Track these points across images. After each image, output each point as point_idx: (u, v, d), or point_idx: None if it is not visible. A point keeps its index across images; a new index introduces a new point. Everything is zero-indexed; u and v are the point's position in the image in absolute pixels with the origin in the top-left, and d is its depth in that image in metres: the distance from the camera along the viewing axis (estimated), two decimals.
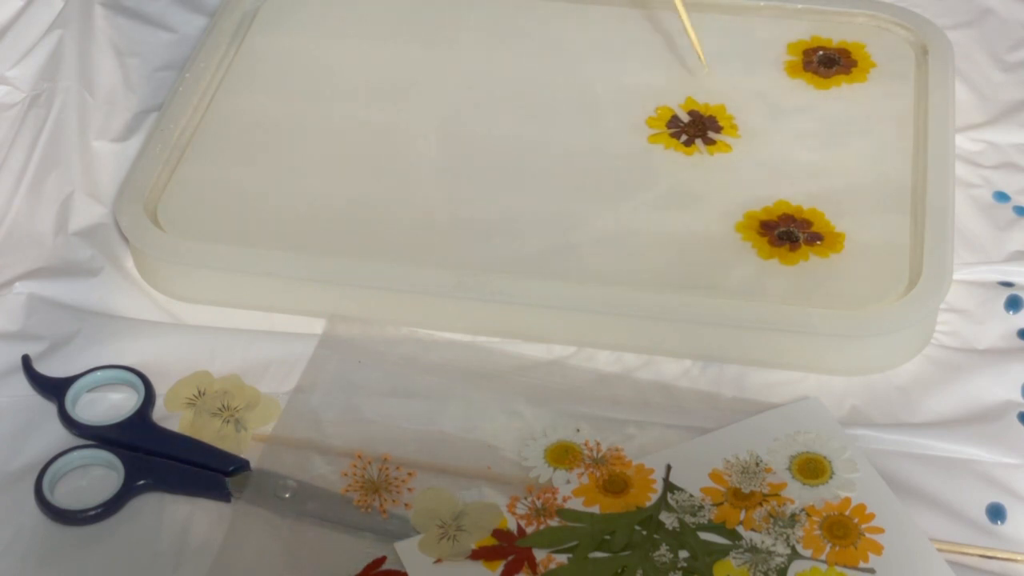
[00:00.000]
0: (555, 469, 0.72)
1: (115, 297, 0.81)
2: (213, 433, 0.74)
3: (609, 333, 0.78)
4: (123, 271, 0.82)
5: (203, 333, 0.79)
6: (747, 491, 0.70)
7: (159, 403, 0.75)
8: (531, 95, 0.88)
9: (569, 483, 0.71)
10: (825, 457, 0.72)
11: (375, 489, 0.71)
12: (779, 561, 0.68)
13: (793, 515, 0.69)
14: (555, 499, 0.70)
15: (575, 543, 0.69)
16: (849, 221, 0.81)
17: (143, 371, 0.76)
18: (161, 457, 0.72)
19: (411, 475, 0.71)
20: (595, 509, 0.70)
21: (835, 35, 0.91)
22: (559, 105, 0.88)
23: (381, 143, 0.86)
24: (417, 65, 0.90)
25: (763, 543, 0.68)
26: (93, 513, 0.70)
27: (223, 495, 0.71)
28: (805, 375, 0.76)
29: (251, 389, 0.76)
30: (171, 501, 0.71)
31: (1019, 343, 0.78)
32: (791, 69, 0.90)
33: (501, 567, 0.68)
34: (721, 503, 0.70)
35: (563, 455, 0.72)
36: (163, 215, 0.81)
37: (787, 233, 0.80)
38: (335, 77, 0.90)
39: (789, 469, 0.71)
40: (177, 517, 0.71)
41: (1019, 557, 0.69)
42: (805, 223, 0.80)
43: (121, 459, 0.72)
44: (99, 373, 0.76)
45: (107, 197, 0.86)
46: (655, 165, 0.84)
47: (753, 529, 0.69)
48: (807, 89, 0.88)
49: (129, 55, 0.94)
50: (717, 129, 0.86)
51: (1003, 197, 0.85)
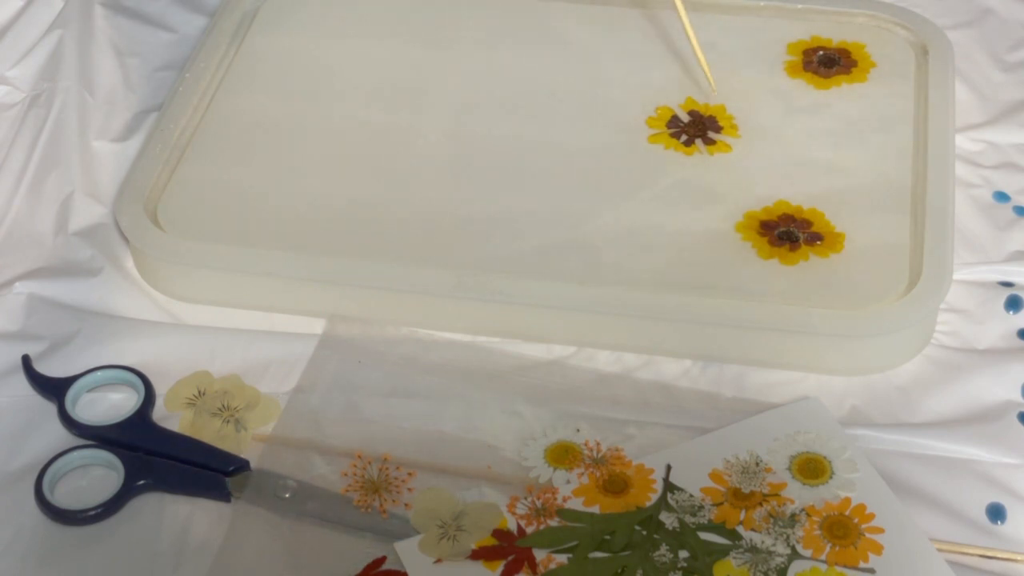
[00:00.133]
0: (555, 469, 0.72)
1: (115, 297, 0.81)
2: (213, 433, 0.74)
3: (609, 333, 0.77)
4: (123, 271, 0.82)
5: (203, 333, 0.79)
6: (747, 491, 0.70)
7: (159, 403, 0.75)
8: (531, 95, 0.88)
9: (569, 483, 0.71)
10: (825, 457, 0.72)
11: (375, 489, 0.71)
12: (779, 561, 0.68)
13: (793, 515, 0.69)
14: (555, 499, 0.70)
15: (575, 543, 0.69)
16: (849, 221, 0.81)
17: (143, 371, 0.76)
18: (161, 457, 0.72)
19: (411, 475, 0.71)
20: (595, 509, 0.70)
21: (835, 35, 0.91)
22: (559, 105, 0.88)
23: (381, 143, 0.86)
24: (417, 65, 0.90)
25: (763, 543, 0.68)
26: (93, 513, 0.70)
27: (223, 495, 0.71)
28: (805, 375, 0.76)
29: (251, 389, 0.76)
30: (171, 501, 0.71)
31: (1019, 343, 0.78)
32: (791, 69, 0.90)
33: (501, 567, 0.68)
34: (721, 503, 0.70)
35: (563, 455, 0.72)
36: (163, 215, 0.81)
37: (787, 233, 0.80)
38: (335, 77, 0.90)
39: (789, 469, 0.71)
40: (177, 517, 0.71)
41: (1019, 557, 0.69)
42: (805, 223, 0.80)
43: (121, 459, 0.72)
44: (99, 373, 0.76)
45: (107, 197, 0.86)
46: (655, 165, 0.84)
47: (753, 529, 0.69)
48: (807, 89, 0.88)
49: (129, 55, 0.94)
50: (717, 129, 0.86)
51: (1003, 197, 0.85)
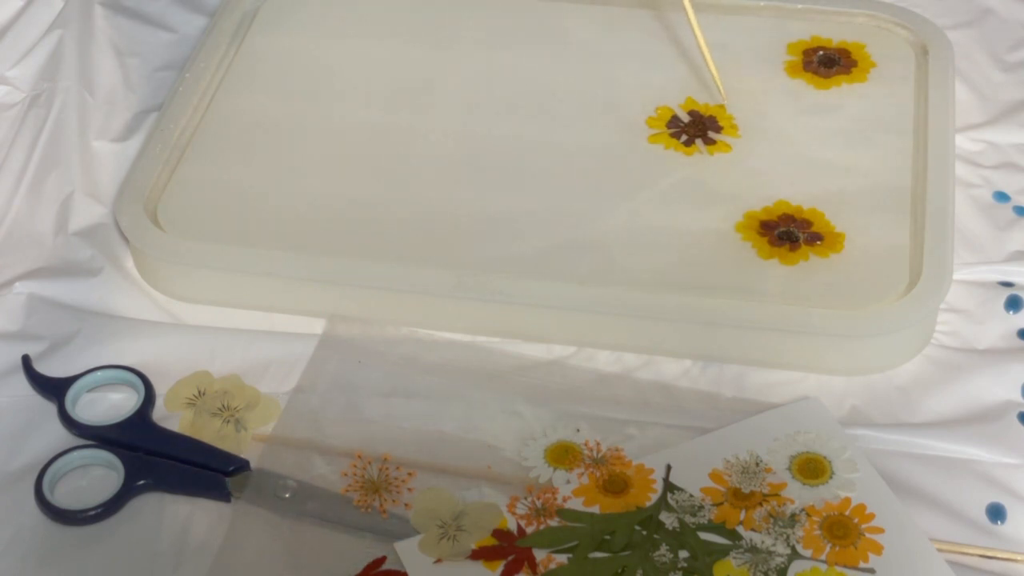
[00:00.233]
0: (555, 469, 0.72)
1: (115, 297, 0.81)
2: (213, 433, 0.74)
3: (609, 333, 0.77)
4: (123, 271, 0.82)
5: (203, 333, 0.79)
6: (747, 491, 0.70)
7: (159, 403, 0.75)
8: (531, 95, 0.88)
9: (569, 483, 0.71)
10: (825, 457, 0.72)
11: (375, 489, 0.71)
12: (779, 561, 0.68)
13: (793, 515, 0.69)
14: (555, 499, 0.70)
15: (575, 543, 0.69)
16: (849, 221, 0.81)
17: (143, 371, 0.76)
18: (161, 457, 0.72)
19: (411, 475, 0.71)
20: (595, 509, 0.70)
21: (835, 35, 0.91)
22: (559, 105, 0.88)
23: (381, 143, 0.86)
24: (417, 65, 0.90)
25: (763, 543, 0.68)
26: (93, 513, 0.70)
27: (223, 495, 0.71)
28: (805, 375, 0.76)
29: (251, 389, 0.76)
30: (171, 501, 0.71)
31: (1019, 343, 0.78)
32: (791, 69, 0.90)
33: (501, 567, 0.68)
34: (721, 503, 0.70)
35: (563, 455, 0.72)
36: (163, 215, 0.81)
37: (787, 233, 0.80)
38: (335, 77, 0.90)
39: (789, 469, 0.71)
40: (177, 517, 0.71)
41: (1019, 557, 0.69)
42: (805, 223, 0.80)
43: (121, 459, 0.72)
44: (99, 373, 0.76)
45: (107, 197, 0.86)
46: (655, 165, 0.84)
47: (753, 529, 0.69)
48: (807, 89, 0.88)
49: (129, 55, 0.94)
50: (717, 129, 0.86)
51: (1003, 197, 0.85)
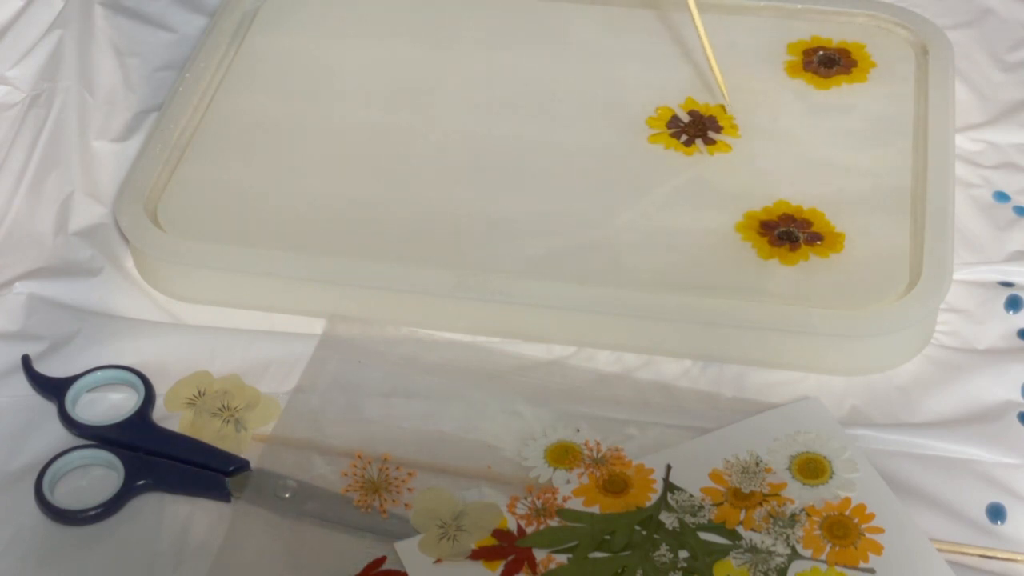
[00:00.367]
0: (555, 469, 0.72)
1: (115, 297, 0.81)
2: (213, 433, 0.74)
3: (609, 333, 0.77)
4: (123, 271, 0.82)
5: (203, 333, 0.78)
6: (747, 491, 0.70)
7: (159, 403, 0.75)
8: (531, 95, 0.88)
9: (569, 483, 0.71)
10: (825, 457, 0.72)
11: (375, 489, 0.71)
12: (779, 561, 0.68)
13: (793, 515, 0.69)
14: (555, 499, 0.70)
15: (575, 543, 0.69)
16: (849, 221, 0.81)
17: (143, 371, 0.76)
18: (161, 457, 0.72)
19: (411, 475, 0.71)
20: (595, 509, 0.70)
21: (835, 35, 0.91)
22: (559, 105, 0.88)
23: (381, 143, 0.86)
24: (417, 65, 0.90)
25: (763, 543, 0.68)
26: (93, 513, 0.70)
27: (223, 495, 0.71)
28: (805, 375, 0.76)
29: (251, 389, 0.76)
30: (171, 501, 0.71)
31: (1019, 343, 0.78)
32: (791, 69, 0.90)
33: (501, 567, 0.68)
34: (721, 503, 0.70)
35: (563, 455, 0.72)
36: (163, 215, 0.81)
37: (787, 233, 0.80)
38: (335, 77, 0.90)
39: (789, 469, 0.71)
40: (177, 517, 0.71)
41: (1019, 557, 0.69)
42: (805, 223, 0.80)
43: (121, 459, 0.72)
44: (99, 373, 0.76)
45: (107, 197, 0.86)
46: (655, 165, 0.84)
47: (753, 529, 0.69)
48: (807, 89, 0.88)
49: (129, 55, 0.94)
50: (717, 129, 0.86)
51: (1003, 197, 0.85)
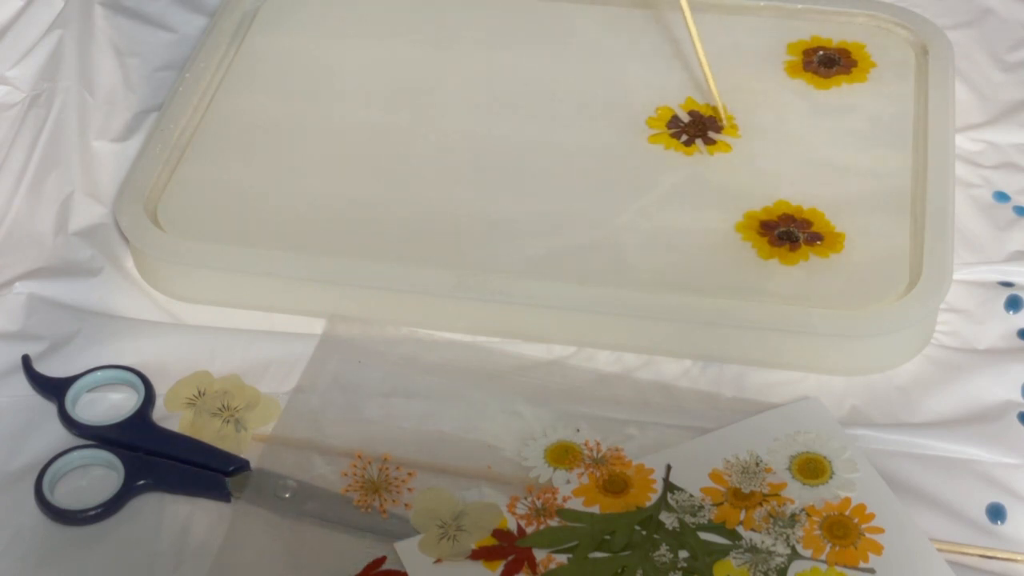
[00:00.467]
0: (555, 469, 0.72)
1: (115, 297, 0.81)
2: (213, 433, 0.74)
3: (609, 333, 0.77)
4: (123, 271, 0.82)
5: (203, 333, 0.78)
6: (747, 491, 0.70)
7: (159, 403, 0.75)
8: (531, 95, 0.88)
9: (569, 483, 0.71)
10: (825, 457, 0.72)
11: (375, 489, 0.71)
12: (779, 561, 0.68)
13: (793, 515, 0.69)
14: (555, 499, 0.70)
15: (575, 543, 0.69)
16: (849, 221, 0.81)
17: (143, 371, 0.76)
18: (161, 457, 0.72)
19: (411, 475, 0.71)
20: (595, 509, 0.70)
21: (835, 35, 0.91)
22: (559, 105, 0.88)
23: (381, 143, 0.86)
24: (417, 65, 0.90)
25: (763, 543, 0.68)
26: (93, 513, 0.70)
27: (223, 495, 0.71)
28: (805, 375, 0.76)
29: (251, 389, 0.76)
30: (171, 501, 0.71)
31: (1019, 343, 0.78)
32: (791, 69, 0.90)
33: (501, 567, 0.68)
34: (721, 503, 0.70)
35: (563, 455, 0.72)
36: (163, 215, 0.81)
37: (787, 233, 0.80)
38: (335, 77, 0.90)
39: (789, 469, 0.71)
40: (177, 517, 0.71)
41: (1019, 557, 0.69)
42: (805, 223, 0.80)
43: (121, 459, 0.72)
44: (99, 373, 0.76)
45: (107, 197, 0.86)
46: (655, 165, 0.84)
47: (753, 529, 0.69)
48: (807, 89, 0.88)
49: (129, 55, 0.94)
50: (717, 129, 0.86)
51: (1003, 197, 0.85)
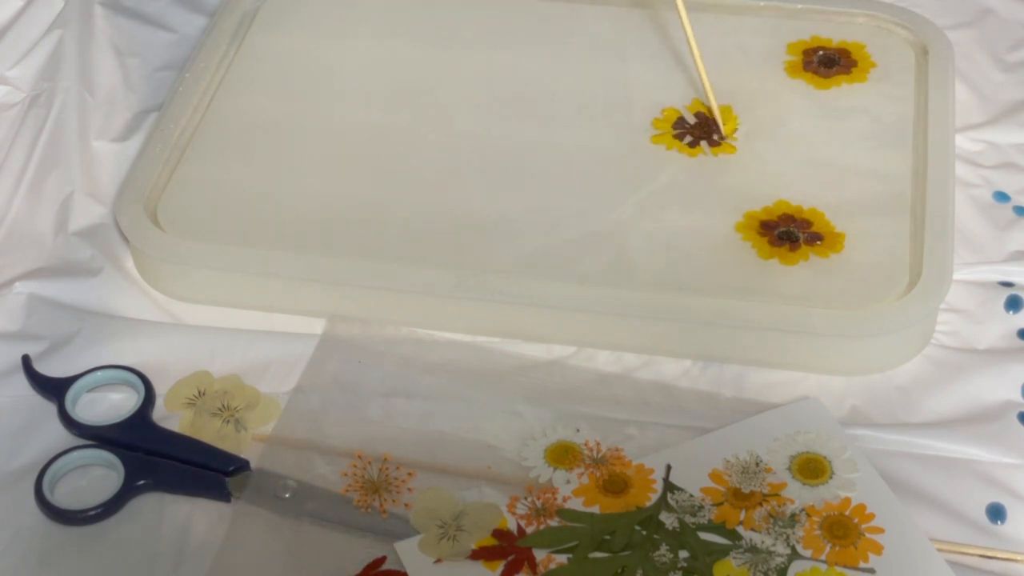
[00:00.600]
0: (555, 469, 0.72)
1: (115, 297, 0.81)
2: (213, 433, 0.74)
3: (609, 333, 0.77)
4: (123, 271, 0.82)
5: (203, 333, 0.78)
6: (747, 491, 0.70)
7: (159, 403, 0.75)
8: (531, 95, 0.88)
9: (569, 483, 0.71)
10: (825, 457, 0.72)
11: (375, 489, 0.71)
12: (779, 561, 0.68)
13: (793, 515, 0.69)
14: (555, 499, 0.70)
15: (575, 543, 0.69)
16: (849, 221, 0.81)
17: (143, 371, 0.76)
18: (161, 457, 0.72)
19: (411, 475, 0.71)
20: (595, 509, 0.70)
21: (835, 35, 0.91)
22: (560, 105, 0.88)
23: (381, 143, 0.86)
24: (417, 65, 0.90)
25: (763, 543, 0.68)
26: (93, 513, 0.70)
27: (223, 495, 0.71)
28: (805, 375, 0.76)
29: (251, 389, 0.76)
30: (171, 501, 0.71)
31: (1019, 343, 0.78)
32: (791, 69, 0.89)
33: (501, 567, 0.68)
34: (721, 503, 0.70)
35: (563, 455, 0.72)
36: (163, 215, 0.81)
37: (787, 233, 0.80)
38: (335, 77, 0.90)
39: (789, 469, 0.71)
40: (177, 517, 0.71)
41: (1019, 557, 0.69)
42: (805, 223, 0.80)
43: (121, 459, 0.72)
44: (99, 373, 0.76)
45: (107, 197, 0.86)
46: (655, 165, 0.84)
47: (753, 529, 0.69)
48: (807, 89, 0.88)
49: (129, 55, 0.94)
50: (722, 131, 0.86)
51: (1003, 197, 0.85)
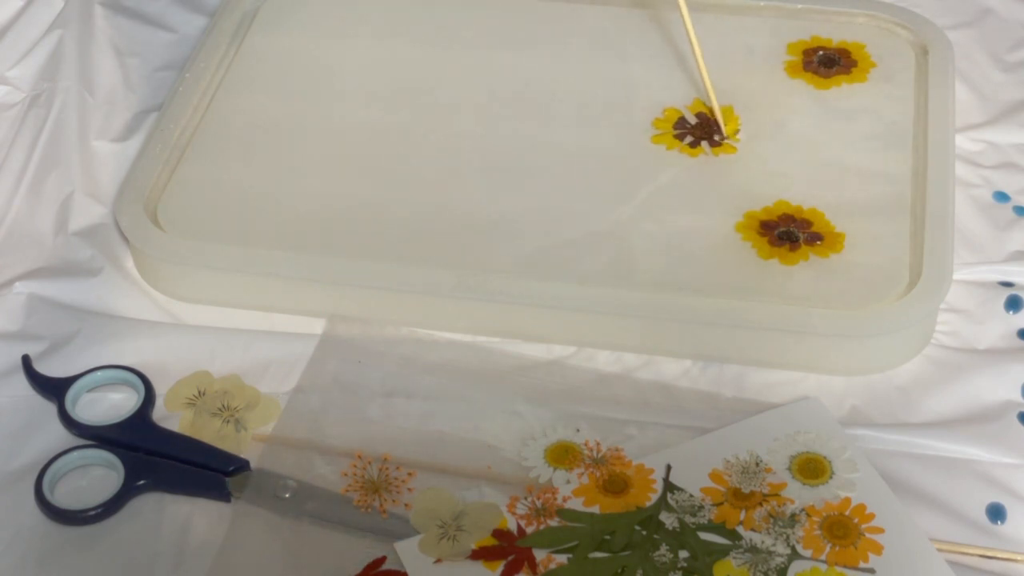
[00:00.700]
0: (555, 469, 0.72)
1: (115, 297, 0.81)
2: (213, 433, 0.74)
3: (609, 333, 0.77)
4: (123, 271, 0.82)
5: (203, 333, 0.78)
6: (747, 491, 0.70)
7: (159, 403, 0.75)
8: (532, 96, 0.88)
9: (569, 483, 0.71)
10: (825, 457, 0.72)
11: (375, 489, 0.71)
12: (779, 561, 0.68)
13: (793, 515, 0.69)
14: (555, 499, 0.70)
15: (575, 543, 0.69)
16: (849, 221, 0.81)
17: (143, 371, 0.76)
18: (161, 457, 0.72)
19: (411, 475, 0.71)
20: (595, 509, 0.70)
21: (835, 35, 0.91)
22: (560, 105, 0.88)
23: (381, 143, 0.86)
24: (417, 65, 0.90)
25: (763, 543, 0.68)
26: (93, 513, 0.70)
27: (223, 495, 0.71)
28: (805, 375, 0.76)
29: (251, 389, 0.76)
30: (171, 501, 0.71)
31: (1019, 343, 0.78)
32: (791, 69, 0.90)
33: (501, 567, 0.68)
34: (721, 503, 0.70)
35: (563, 455, 0.72)
36: (163, 215, 0.81)
37: (787, 233, 0.80)
38: (335, 77, 0.90)
39: (789, 469, 0.71)
40: (177, 517, 0.71)
41: (1019, 557, 0.69)
42: (805, 223, 0.80)
43: (121, 459, 0.72)
44: (99, 373, 0.76)
45: (107, 197, 0.86)
46: (655, 165, 0.84)
47: (753, 529, 0.69)
48: (807, 89, 0.88)
49: (129, 55, 0.94)
50: (723, 132, 0.86)
51: (1003, 197, 0.85)
